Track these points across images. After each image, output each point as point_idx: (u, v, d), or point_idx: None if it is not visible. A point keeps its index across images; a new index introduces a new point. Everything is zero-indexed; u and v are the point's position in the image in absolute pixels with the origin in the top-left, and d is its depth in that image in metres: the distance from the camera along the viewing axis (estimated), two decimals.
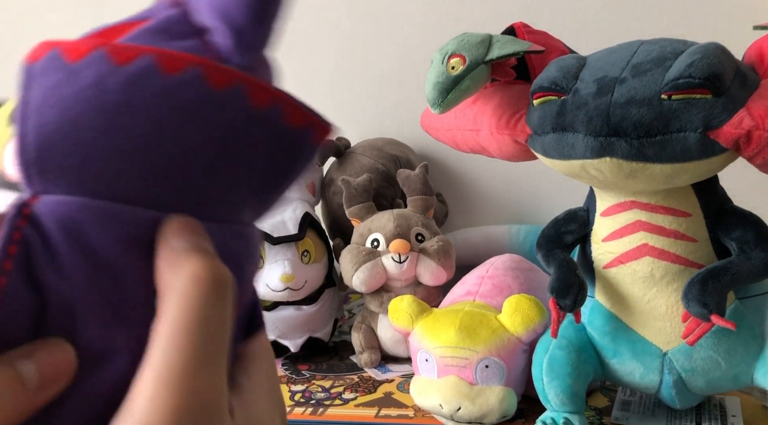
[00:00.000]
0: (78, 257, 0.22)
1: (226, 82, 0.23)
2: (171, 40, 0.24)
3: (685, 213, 0.62)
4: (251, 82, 0.24)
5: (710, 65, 0.54)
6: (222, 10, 0.24)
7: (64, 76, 0.23)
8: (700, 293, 0.59)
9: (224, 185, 0.24)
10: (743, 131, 0.54)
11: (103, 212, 0.22)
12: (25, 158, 0.23)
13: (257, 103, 0.24)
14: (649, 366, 0.66)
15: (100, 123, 0.22)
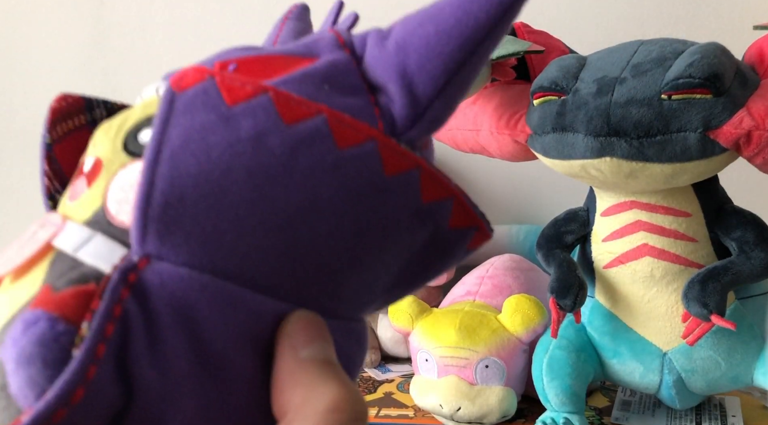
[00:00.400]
0: (185, 349, 0.18)
1: (401, 167, 0.20)
2: (338, 94, 0.20)
3: (685, 213, 0.62)
4: (426, 171, 0.20)
5: (710, 65, 0.54)
6: (403, 73, 0.20)
7: (217, 119, 0.19)
8: (700, 293, 0.59)
9: (364, 282, 0.20)
10: (743, 130, 0.54)
11: (227, 296, 0.18)
12: (147, 210, 0.18)
13: (427, 197, 0.20)
14: (649, 366, 0.66)
15: (249, 188, 0.18)
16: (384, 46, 0.21)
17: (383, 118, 0.20)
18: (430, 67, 0.20)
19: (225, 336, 0.18)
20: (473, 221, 0.22)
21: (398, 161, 0.19)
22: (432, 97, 0.20)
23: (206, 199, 0.18)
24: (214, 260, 0.18)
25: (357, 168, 0.19)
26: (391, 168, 0.19)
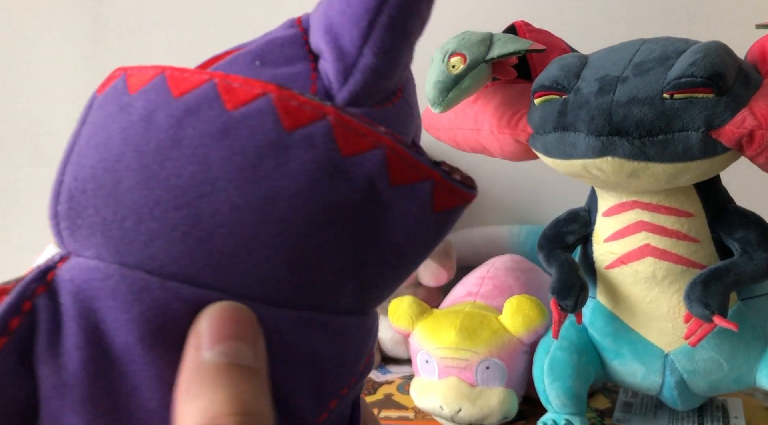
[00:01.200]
0: (84, 342, 0.17)
1: (304, 120, 0.17)
2: (271, 67, 0.19)
3: (688, 213, 0.62)
4: (340, 120, 0.18)
5: (712, 64, 0.54)
6: (329, 27, 0.19)
7: (117, 108, 0.18)
8: (703, 293, 0.59)
9: (295, 257, 0.18)
10: (746, 130, 0.54)
11: (130, 285, 0.17)
12: (57, 208, 0.18)
13: (347, 151, 0.18)
14: (650, 367, 0.66)
15: (140, 168, 0.17)
16: (317, 8, 0.20)
17: (319, 80, 0.19)
18: (350, 11, 0.19)
19: (128, 328, 0.16)
20: (421, 173, 0.19)
21: (300, 114, 0.17)
22: (358, 43, 0.18)
23: (104, 188, 0.17)
24: (120, 249, 0.17)
25: (250, 128, 0.17)
26: (292, 122, 0.17)
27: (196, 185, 0.17)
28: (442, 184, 0.19)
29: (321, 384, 0.19)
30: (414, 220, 0.19)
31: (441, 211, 0.19)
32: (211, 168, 0.17)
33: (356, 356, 0.20)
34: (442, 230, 0.20)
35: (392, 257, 0.20)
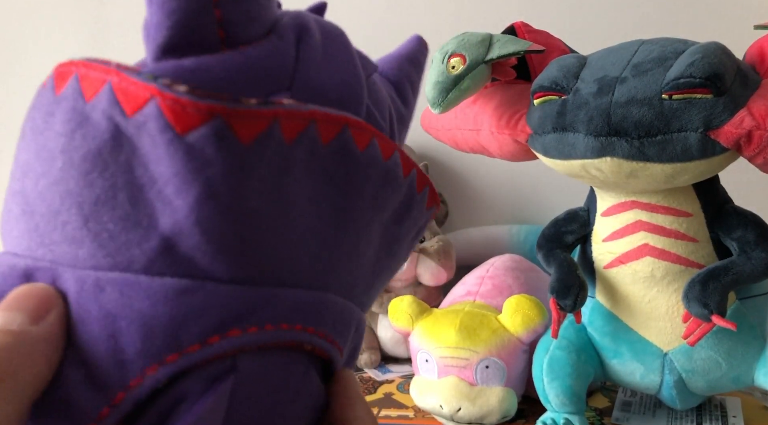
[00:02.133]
0: None
1: (139, 102, 0.18)
2: None
3: (686, 213, 0.62)
4: (121, 83, 0.19)
5: (711, 65, 0.54)
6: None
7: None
8: (701, 293, 0.59)
9: (99, 220, 0.19)
10: (744, 130, 0.54)
11: None
12: None
13: (129, 109, 0.19)
14: (649, 366, 0.66)
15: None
16: None
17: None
18: None
19: None
20: (143, 92, 0.18)
21: (94, 83, 0.19)
22: (154, 15, 0.19)
23: None
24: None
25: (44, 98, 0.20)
26: (90, 95, 0.19)
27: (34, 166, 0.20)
28: (167, 97, 0.18)
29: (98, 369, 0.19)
30: (164, 148, 0.18)
31: (187, 131, 0.18)
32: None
33: (149, 334, 0.19)
34: (205, 159, 0.19)
35: (159, 197, 0.19)
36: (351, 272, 0.23)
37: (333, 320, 0.22)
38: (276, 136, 0.19)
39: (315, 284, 0.22)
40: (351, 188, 0.22)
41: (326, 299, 0.22)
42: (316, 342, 0.21)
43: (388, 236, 0.24)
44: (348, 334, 0.24)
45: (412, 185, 0.24)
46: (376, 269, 0.24)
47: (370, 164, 0.22)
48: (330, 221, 0.21)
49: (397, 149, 0.24)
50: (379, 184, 0.23)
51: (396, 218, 0.24)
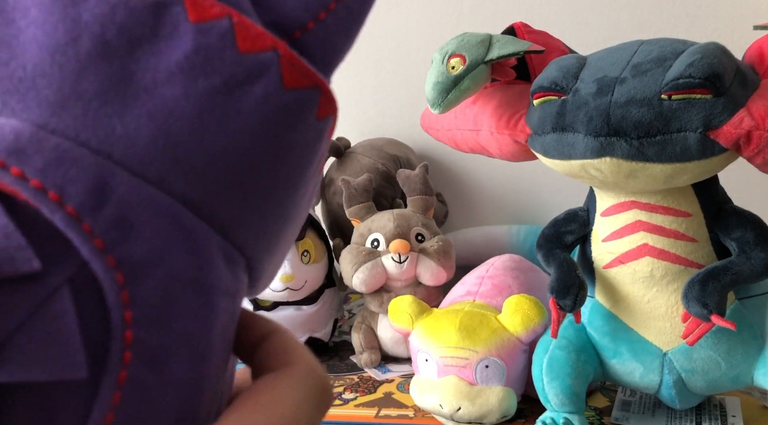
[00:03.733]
0: None
1: (208, 14, 0.19)
2: None
3: (686, 213, 0.62)
4: (240, 21, 0.19)
5: (710, 65, 0.54)
6: None
7: None
8: (700, 293, 0.59)
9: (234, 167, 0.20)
10: (743, 130, 0.54)
11: None
12: None
13: (244, 48, 0.19)
14: (649, 366, 0.66)
15: None
16: None
17: None
18: None
19: None
20: (310, 76, 0.20)
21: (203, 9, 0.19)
22: None
23: None
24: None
25: None
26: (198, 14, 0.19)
27: None
28: (288, 55, 0.19)
29: None
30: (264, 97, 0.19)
31: (290, 88, 0.20)
32: None
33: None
34: (298, 120, 0.20)
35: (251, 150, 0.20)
36: None
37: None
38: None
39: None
40: None
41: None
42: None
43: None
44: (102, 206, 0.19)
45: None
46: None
47: None
48: None
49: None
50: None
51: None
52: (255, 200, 0.20)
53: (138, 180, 0.19)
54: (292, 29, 0.21)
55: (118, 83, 0.19)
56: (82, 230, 0.18)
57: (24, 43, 0.19)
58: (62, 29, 0.19)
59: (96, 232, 0.18)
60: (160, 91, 0.19)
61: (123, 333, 0.18)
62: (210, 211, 0.20)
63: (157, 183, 0.19)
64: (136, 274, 0.18)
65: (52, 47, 0.19)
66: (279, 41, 0.20)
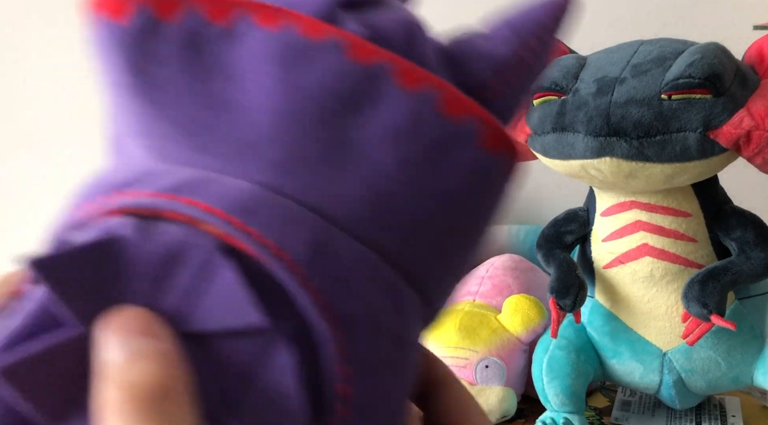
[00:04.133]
0: None
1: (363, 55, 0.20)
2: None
3: (685, 213, 0.62)
4: (446, 90, 0.20)
5: (710, 65, 0.54)
6: None
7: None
8: (700, 293, 0.59)
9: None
10: (743, 130, 0.54)
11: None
12: None
13: (451, 113, 0.20)
14: (648, 366, 0.66)
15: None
16: None
17: None
18: None
19: None
20: (508, 144, 0.21)
21: (364, 53, 0.20)
22: None
23: None
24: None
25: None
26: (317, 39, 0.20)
27: None
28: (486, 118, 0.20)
29: None
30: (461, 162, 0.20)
31: (490, 152, 0.21)
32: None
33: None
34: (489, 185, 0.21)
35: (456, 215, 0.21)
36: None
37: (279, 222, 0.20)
38: None
39: None
40: None
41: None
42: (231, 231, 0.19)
43: None
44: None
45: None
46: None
47: None
48: None
49: None
50: None
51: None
52: (449, 257, 0.21)
53: (351, 239, 0.19)
54: (480, 90, 0.22)
55: (335, 147, 0.20)
56: (304, 286, 0.18)
57: (252, 108, 0.20)
58: (286, 96, 0.20)
59: (316, 288, 0.18)
60: (372, 155, 0.20)
61: (336, 386, 0.18)
62: (409, 268, 0.20)
63: (367, 242, 0.20)
64: (351, 329, 0.19)
65: (277, 112, 0.20)
66: (481, 109, 0.21)
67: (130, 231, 0.18)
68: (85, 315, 0.17)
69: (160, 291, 0.18)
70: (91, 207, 0.19)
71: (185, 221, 0.18)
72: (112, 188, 0.19)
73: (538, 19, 0.23)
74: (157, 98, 0.20)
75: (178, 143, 0.20)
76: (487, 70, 0.22)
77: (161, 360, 0.17)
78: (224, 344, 0.18)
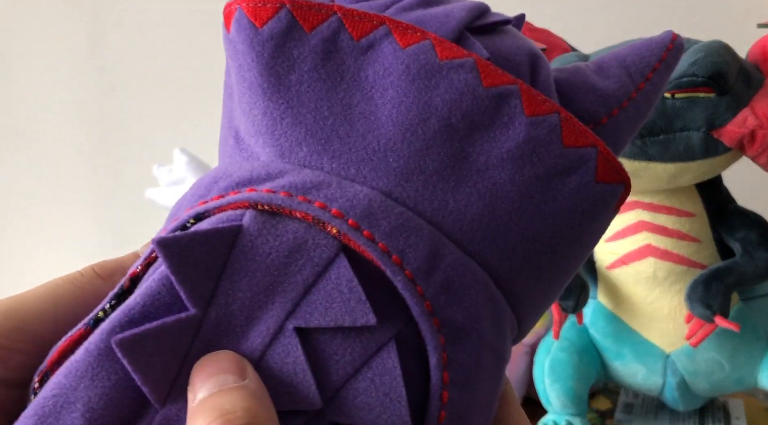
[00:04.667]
0: None
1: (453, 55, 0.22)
2: None
3: (689, 213, 0.61)
4: (567, 119, 0.22)
5: (714, 64, 0.54)
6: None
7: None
8: (704, 294, 0.59)
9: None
10: (747, 129, 0.54)
11: None
12: None
13: (569, 142, 0.22)
14: (652, 367, 0.66)
15: None
16: None
17: None
18: None
19: None
20: (621, 175, 0.22)
21: (450, 52, 0.21)
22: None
23: None
24: None
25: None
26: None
27: None
28: (605, 153, 0.22)
29: None
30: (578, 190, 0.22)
31: (601, 182, 0.22)
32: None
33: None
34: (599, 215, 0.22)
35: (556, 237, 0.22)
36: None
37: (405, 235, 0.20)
38: None
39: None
40: None
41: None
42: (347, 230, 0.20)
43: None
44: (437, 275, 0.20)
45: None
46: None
47: None
48: None
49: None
50: None
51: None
52: (548, 278, 0.22)
53: (461, 251, 0.20)
54: (588, 122, 0.23)
55: (455, 162, 0.21)
56: (416, 292, 0.19)
57: (380, 119, 0.21)
58: (415, 110, 0.21)
59: (427, 295, 0.19)
60: (490, 173, 0.21)
61: (441, 392, 0.19)
62: (509, 285, 0.21)
63: (475, 255, 0.20)
64: (456, 337, 0.19)
65: (404, 125, 0.21)
66: (598, 139, 0.22)
67: (252, 224, 0.19)
68: (199, 298, 0.18)
69: (279, 284, 0.19)
70: (218, 200, 0.20)
71: (309, 220, 0.19)
72: (239, 183, 0.21)
73: (650, 62, 0.24)
74: (293, 102, 0.21)
75: (307, 146, 0.21)
76: (598, 105, 0.23)
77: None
78: (335, 341, 0.19)
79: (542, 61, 0.23)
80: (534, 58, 0.23)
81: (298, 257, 0.19)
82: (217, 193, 0.21)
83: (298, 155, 0.21)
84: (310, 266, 0.19)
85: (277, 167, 0.21)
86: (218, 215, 0.20)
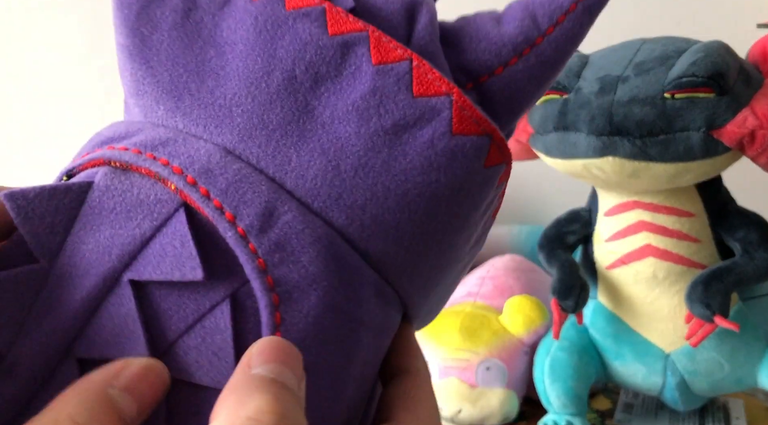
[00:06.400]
0: None
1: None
2: None
3: (689, 213, 0.61)
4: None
5: (714, 64, 0.54)
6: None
7: None
8: (704, 294, 0.58)
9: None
10: (747, 130, 0.53)
11: None
12: None
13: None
14: (651, 367, 0.66)
15: None
16: None
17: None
18: None
19: None
20: (482, 126, 0.21)
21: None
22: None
23: None
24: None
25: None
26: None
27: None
28: (461, 102, 0.20)
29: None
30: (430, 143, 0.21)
31: (459, 133, 0.20)
32: None
33: None
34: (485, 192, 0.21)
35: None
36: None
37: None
38: None
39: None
40: None
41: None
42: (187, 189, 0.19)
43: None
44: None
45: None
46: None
47: None
48: None
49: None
50: None
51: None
52: (412, 239, 0.21)
53: (303, 209, 0.20)
54: (480, 73, 0.22)
55: (299, 117, 0.20)
56: (248, 249, 0.19)
57: (228, 74, 0.20)
58: (260, 63, 0.20)
59: (260, 252, 0.19)
60: (335, 127, 0.20)
61: None
62: (366, 246, 0.20)
63: (319, 213, 0.20)
64: (291, 296, 0.19)
65: (249, 79, 0.20)
66: (454, 87, 0.20)
67: (102, 180, 0.19)
68: (46, 250, 0.18)
69: (119, 238, 0.19)
70: (83, 158, 0.21)
71: (153, 177, 0.19)
72: (103, 141, 0.21)
73: (562, 4, 0.23)
74: (153, 61, 0.21)
75: (164, 104, 0.21)
76: (490, 54, 0.22)
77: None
78: (171, 297, 0.19)
79: (424, 8, 0.22)
80: (412, 5, 0.22)
81: (139, 212, 0.19)
82: (86, 151, 0.21)
83: (157, 113, 0.21)
84: (149, 221, 0.19)
85: (137, 126, 0.21)
86: (83, 172, 0.20)
